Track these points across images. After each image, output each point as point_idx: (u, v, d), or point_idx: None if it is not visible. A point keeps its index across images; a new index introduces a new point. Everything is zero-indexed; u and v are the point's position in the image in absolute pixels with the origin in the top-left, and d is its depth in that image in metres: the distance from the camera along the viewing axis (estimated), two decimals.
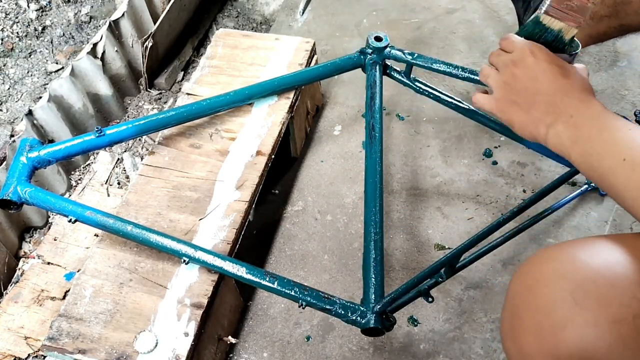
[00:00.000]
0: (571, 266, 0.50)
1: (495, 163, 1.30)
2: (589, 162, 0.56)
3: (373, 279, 0.88)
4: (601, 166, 0.55)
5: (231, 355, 1.06)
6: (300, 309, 0.88)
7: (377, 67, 1.14)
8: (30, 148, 1.00)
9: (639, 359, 0.47)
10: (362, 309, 0.86)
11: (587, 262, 0.51)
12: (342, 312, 0.87)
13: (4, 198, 0.94)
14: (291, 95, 1.20)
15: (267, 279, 0.89)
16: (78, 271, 1.13)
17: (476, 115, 1.16)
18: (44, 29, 1.43)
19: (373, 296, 0.87)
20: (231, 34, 1.34)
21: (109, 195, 1.29)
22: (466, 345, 1.04)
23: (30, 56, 1.40)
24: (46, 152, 1.00)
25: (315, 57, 1.33)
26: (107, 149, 1.39)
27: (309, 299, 0.87)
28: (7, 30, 1.37)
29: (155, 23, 1.45)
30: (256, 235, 1.22)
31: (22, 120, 1.19)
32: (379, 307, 0.86)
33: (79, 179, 1.34)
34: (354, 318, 0.86)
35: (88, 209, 0.95)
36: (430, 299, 0.91)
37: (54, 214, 1.20)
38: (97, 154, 1.38)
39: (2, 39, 1.36)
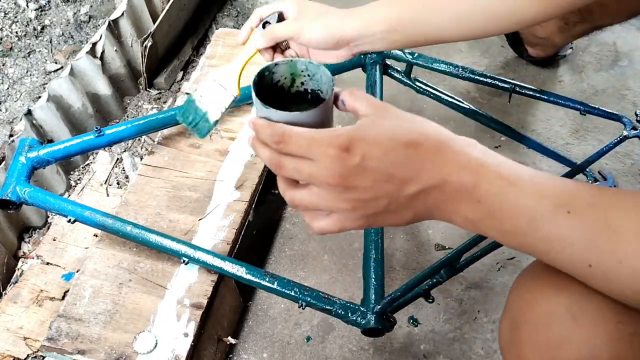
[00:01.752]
0: (568, 280, 0.48)
1: None
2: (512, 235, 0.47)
3: (373, 280, 0.88)
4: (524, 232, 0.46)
5: (231, 355, 1.05)
6: (300, 309, 0.88)
7: (377, 67, 1.14)
8: (29, 148, 0.99)
9: None
10: (362, 309, 0.86)
11: None
12: (342, 313, 0.86)
13: (3, 198, 0.93)
14: None
15: (267, 279, 0.88)
16: (77, 271, 1.13)
17: (477, 115, 1.15)
18: (43, 28, 1.43)
19: (373, 296, 0.87)
20: (231, 34, 1.34)
21: (108, 195, 1.29)
22: (467, 346, 1.04)
23: (29, 56, 1.39)
24: (45, 152, 0.99)
25: None
26: (106, 149, 1.39)
27: (308, 299, 0.87)
28: (6, 29, 1.37)
29: (154, 23, 1.45)
30: (256, 235, 1.22)
31: (21, 120, 1.19)
32: (379, 307, 0.86)
33: (78, 179, 1.33)
34: (354, 318, 0.86)
35: (87, 209, 0.95)
36: (430, 300, 0.91)
37: (53, 214, 1.20)
38: (97, 154, 1.38)
39: (1, 39, 1.36)
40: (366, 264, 0.90)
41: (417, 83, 1.17)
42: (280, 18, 0.74)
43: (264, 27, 0.74)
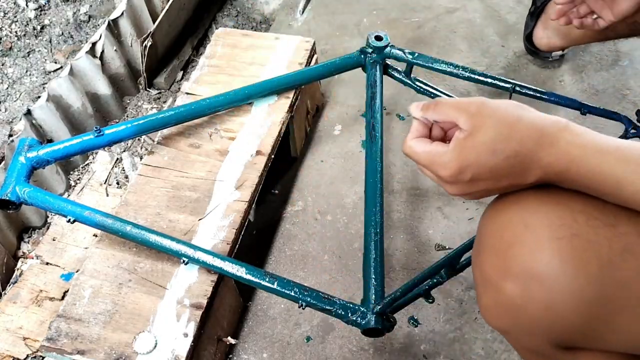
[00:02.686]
0: (523, 195, 0.58)
1: None
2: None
3: (373, 280, 0.88)
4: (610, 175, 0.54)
5: (231, 356, 1.05)
6: (300, 309, 0.88)
7: (378, 67, 1.13)
8: (28, 148, 0.99)
9: (575, 272, 0.54)
10: (362, 309, 0.86)
11: (539, 193, 0.58)
12: (342, 313, 0.86)
13: (3, 198, 0.93)
14: (291, 94, 1.19)
15: (267, 279, 0.88)
16: (77, 271, 1.13)
17: None
18: (42, 28, 1.42)
19: (373, 297, 0.86)
20: (231, 33, 1.34)
21: (108, 195, 1.29)
22: (467, 346, 1.04)
23: (28, 55, 1.39)
24: (45, 152, 0.99)
25: (315, 56, 1.32)
26: (106, 148, 1.39)
27: (308, 299, 0.87)
28: (6, 29, 1.37)
29: (154, 22, 1.45)
30: (256, 236, 1.22)
31: (20, 119, 1.19)
32: (379, 307, 0.85)
33: (78, 179, 1.33)
34: (354, 319, 0.86)
35: (87, 209, 0.94)
36: (430, 300, 0.91)
37: (53, 214, 1.20)
38: (96, 153, 1.37)
39: (0, 38, 1.36)
40: (366, 264, 0.90)
41: (418, 83, 1.17)
42: None
43: None
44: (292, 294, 0.87)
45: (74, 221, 0.95)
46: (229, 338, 1.02)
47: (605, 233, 0.54)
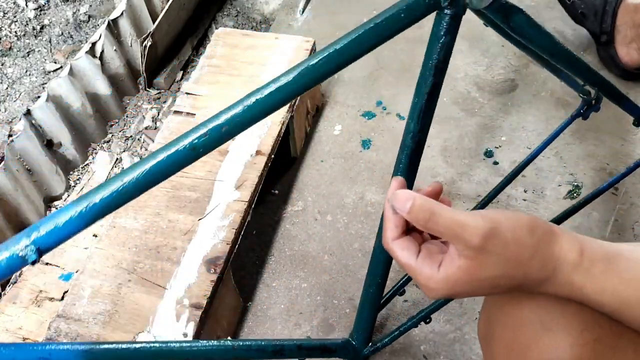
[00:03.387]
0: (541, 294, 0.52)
1: (496, 163, 1.30)
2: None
3: (364, 321, 0.85)
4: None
5: None
6: (299, 309, 0.87)
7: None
8: None
9: None
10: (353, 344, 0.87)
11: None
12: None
13: None
14: None
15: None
16: (76, 272, 1.13)
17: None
18: (42, 28, 1.42)
19: (362, 338, 0.87)
20: (231, 33, 1.34)
21: None
22: (467, 347, 1.03)
23: (28, 55, 1.39)
24: None
25: None
26: (105, 148, 1.39)
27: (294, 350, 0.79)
28: (5, 29, 1.37)
29: (154, 22, 1.44)
30: (256, 236, 1.21)
31: (20, 120, 1.19)
32: (365, 352, 0.88)
33: (78, 179, 1.33)
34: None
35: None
36: (428, 321, 0.90)
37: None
38: (96, 153, 1.37)
39: (0, 38, 1.36)
40: (362, 303, 0.84)
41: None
42: None
43: None
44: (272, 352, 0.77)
45: None
46: (229, 338, 1.02)
47: (629, 337, 0.50)
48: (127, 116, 1.46)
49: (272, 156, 1.12)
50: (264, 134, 1.12)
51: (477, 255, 0.47)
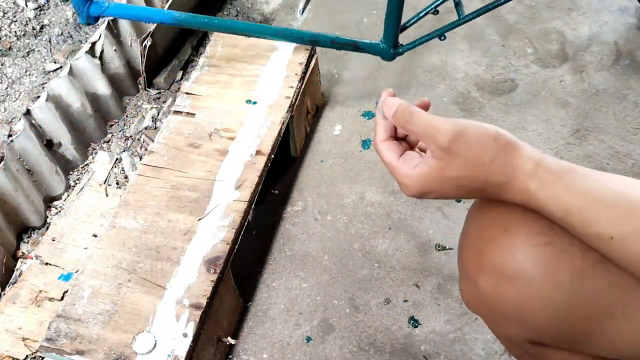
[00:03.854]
0: (505, 204, 0.58)
1: None
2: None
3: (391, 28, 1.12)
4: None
5: (230, 356, 1.05)
6: (299, 310, 0.87)
7: None
8: None
9: (545, 278, 0.56)
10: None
11: None
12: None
13: None
14: (291, 94, 1.19)
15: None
16: (76, 272, 1.13)
17: None
18: (42, 28, 1.42)
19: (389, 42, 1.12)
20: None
21: (107, 195, 1.28)
22: (467, 347, 1.03)
23: (28, 55, 1.39)
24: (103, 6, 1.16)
25: (315, 56, 1.32)
26: (105, 148, 1.39)
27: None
28: (5, 29, 1.37)
29: None
30: (256, 236, 1.21)
31: (20, 119, 1.19)
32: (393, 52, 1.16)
33: (78, 179, 1.33)
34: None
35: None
36: (443, 38, 1.17)
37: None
38: (96, 153, 1.37)
39: (0, 38, 1.36)
40: (389, 11, 1.13)
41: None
42: None
43: None
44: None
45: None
46: (229, 338, 1.02)
47: (580, 244, 0.54)
48: (127, 116, 1.46)
49: (272, 156, 1.11)
50: (264, 133, 1.12)
51: (445, 155, 0.54)
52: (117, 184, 1.31)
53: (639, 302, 0.55)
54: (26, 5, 1.40)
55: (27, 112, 1.21)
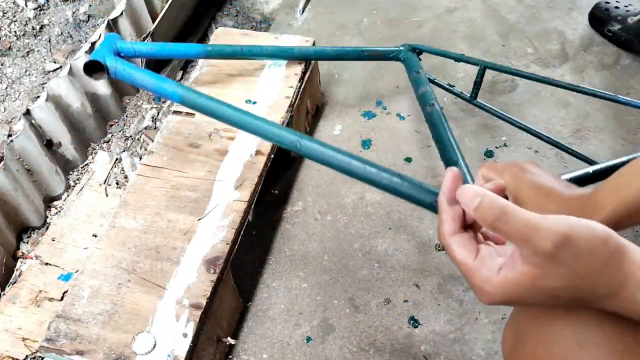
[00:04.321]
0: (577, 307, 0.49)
1: None
2: None
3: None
4: None
5: (230, 356, 1.05)
6: (299, 310, 0.87)
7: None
8: (116, 39, 1.07)
9: None
10: None
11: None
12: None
13: (95, 59, 0.99)
14: (291, 94, 1.19)
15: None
16: (76, 272, 1.13)
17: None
18: (41, 27, 1.42)
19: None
20: (230, 33, 1.34)
21: (107, 195, 1.28)
22: (467, 347, 1.03)
23: (28, 55, 1.39)
24: (133, 46, 1.08)
25: None
26: (105, 148, 1.39)
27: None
28: (5, 29, 1.37)
29: (153, 22, 1.44)
30: (256, 236, 1.21)
31: (19, 119, 1.19)
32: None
33: (77, 179, 1.33)
34: None
35: (171, 83, 0.97)
36: None
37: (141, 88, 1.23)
38: (96, 153, 1.37)
39: None
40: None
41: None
42: None
43: None
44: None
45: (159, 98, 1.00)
46: (229, 338, 1.01)
47: None
48: (126, 116, 1.46)
49: (272, 156, 1.11)
50: None
51: (545, 263, 0.43)
52: (117, 184, 1.31)
53: None
54: (26, 5, 1.40)
55: (27, 112, 1.20)
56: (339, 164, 0.86)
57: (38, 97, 1.27)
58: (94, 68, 1.00)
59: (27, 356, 1.04)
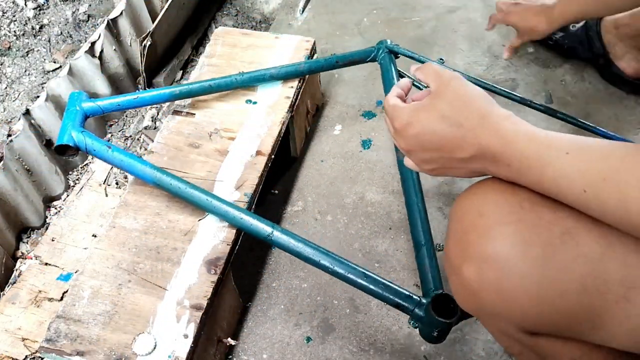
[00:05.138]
0: (483, 186, 0.63)
1: None
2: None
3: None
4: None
5: (230, 356, 1.05)
6: (299, 310, 0.87)
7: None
8: (81, 99, 1.06)
9: (521, 255, 0.57)
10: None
11: (495, 183, 0.62)
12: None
13: (62, 144, 0.98)
14: (291, 94, 1.19)
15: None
16: (76, 272, 1.13)
17: None
18: (41, 27, 1.42)
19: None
20: (230, 33, 1.33)
21: (107, 195, 1.28)
22: (467, 347, 1.03)
23: (27, 55, 1.39)
24: (99, 104, 1.06)
25: (316, 55, 1.32)
26: None
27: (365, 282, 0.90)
28: (4, 29, 1.36)
29: (153, 22, 1.44)
30: None
31: (19, 119, 1.18)
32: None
33: (77, 179, 1.33)
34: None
35: (140, 162, 0.98)
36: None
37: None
38: None
39: None
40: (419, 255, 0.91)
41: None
42: None
43: None
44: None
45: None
46: (229, 339, 1.01)
47: (547, 217, 0.57)
48: (126, 116, 1.46)
49: (272, 156, 1.11)
50: (264, 134, 1.12)
51: (440, 87, 0.63)
52: (117, 184, 1.31)
53: (615, 275, 0.54)
54: (25, 5, 1.40)
55: (27, 112, 1.20)
56: (309, 257, 0.92)
57: (38, 97, 1.27)
58: (66, 148, 1.00)
59: (26, 356, 1.04)
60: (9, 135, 1.19)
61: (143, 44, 1.40)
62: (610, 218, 0.52)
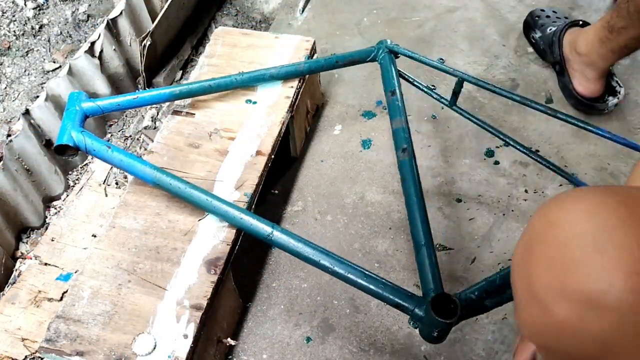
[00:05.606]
0: (600, 209, 0.46)
1: (497, 163, 1.29)
2: None
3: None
4: None
5: (230, 357, 1.05)
6: (299, 310, 0.87)
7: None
8: (80, 99, 1.06)
9: None
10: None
11: (616, 208, 0.47)
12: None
13: (62, 144, 0.98)
14: (291, 94, 1.19)
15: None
16: (76, 272, 1.12)
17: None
18: (41, 27, 1.42)
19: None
20: (230, 33, 1.33)
21: (107, 195, 1.28)
22: (467, 347, 1.03)
23: (27, 55, 1.39)
24: (98, 104, 1.06)
25: (315, 55, 1.32)
26: None
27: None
28: (4, 28, 1.36)
29: (153, 21, 1.44)
30: None
31: (19, 119, 1.18)
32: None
33: (77, 179, 1.33)
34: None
35: (140, 162, 0.98)
36: None
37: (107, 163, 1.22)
38: None
39: None
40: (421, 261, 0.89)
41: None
42: None
43: None
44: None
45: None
46: (229, 339, 1.01)
47: None
48: (126, 116, 1.46)
49: (272, 156, 1.11)
50: (264, 134, 1.12)
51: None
52: (117, 184, 1.31)
53: None
54: (25, 5, 1.40)
55: (26, 112, 1.20)
56: (309, 257, 0.92)
57: (37, 96, 1.27)
58: (66, 148, 1.00)
59: (26, 356, 1.04)
60: (9, 135, 1.18)
61: (143, 44, 1.40)
62: None
